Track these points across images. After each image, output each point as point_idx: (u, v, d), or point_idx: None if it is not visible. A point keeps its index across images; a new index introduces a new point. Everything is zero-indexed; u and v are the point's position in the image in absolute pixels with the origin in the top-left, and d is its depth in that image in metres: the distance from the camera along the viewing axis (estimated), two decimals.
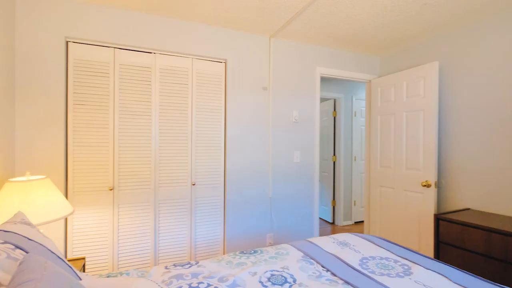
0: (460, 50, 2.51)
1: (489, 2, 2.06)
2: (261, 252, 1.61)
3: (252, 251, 1.62)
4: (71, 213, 1.53)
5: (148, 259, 2.29)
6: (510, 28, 2.17)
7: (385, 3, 2.09)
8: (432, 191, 2.56)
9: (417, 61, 2.91)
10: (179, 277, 1.27)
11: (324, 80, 4.09)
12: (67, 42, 2.07)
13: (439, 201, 2.67)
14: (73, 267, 1.07)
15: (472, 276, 1.36)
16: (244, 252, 1.62)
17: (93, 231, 2.13)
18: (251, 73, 2.66)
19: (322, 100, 4.76)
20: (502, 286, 1.26)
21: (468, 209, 2.41)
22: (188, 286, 1.18)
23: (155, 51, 2.32)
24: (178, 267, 1.38)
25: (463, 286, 1.25)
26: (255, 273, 1.33)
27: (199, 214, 2.48)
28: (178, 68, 2.39)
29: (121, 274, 1.31)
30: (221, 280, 1.25)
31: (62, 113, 2.03)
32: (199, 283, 1.21)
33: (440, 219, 2.20)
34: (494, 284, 1.28)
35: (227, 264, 1.44)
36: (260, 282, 1.25)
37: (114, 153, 2.18)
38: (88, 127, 2.11)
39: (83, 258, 1.73)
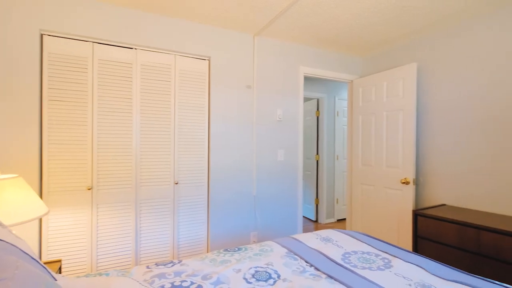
0: (437, 52, 2.62)
1: (464, 7, 2.16)
2: (245, 249, 1.60)
3: (236, 249, 1.61)
4: (46, 214, 1.46)
5: (129, 260, 2.23)
6: (485, 32, 2.28)
7: (367, 4, 2.15)
8: (411, 188, 2.65)
9: (397, 62, 3.01)
10: (161, 276, 1.24)
11: (307, 80, 4.14)
12: (41, 35, 1.98)
13: (417, 198, 2.77)
14: (48, 268, 1.02)
15: (447, 266, 1.42)
16: (228, 250, 1.61)
17: (70, 232, 2.04)
18: (235, 71, 2.65)
19: (306, 99, 4.82)
20: (473, 274, 1.32)
21: (444, 205, 2.51)
22: (171, 285, 1.15)
23: (136, 47, 2.26)
24: (160, 266, 1.35)
25: (438, 276, 1.30)
26: (239, 270, 1.32)
27: (182, 214, 2.44)
28: (160, 65, 2.34)
29: (100, 275, 1.26)
30: (204, 278, 1.23)
31: (36, 109, 1.93)
32: (182, 281, 1.19)
33: (418, 215, 2.28)
34: (466, 273, 1.34)
35: (210, 262, 1.42)
36: (245, 278, 1.25)
37: (93, 151, 2.11)
38: (64, 124, 2.02)
39: (59, 261, 1.66)
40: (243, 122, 2.69)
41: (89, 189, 2.09)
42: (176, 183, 2.40)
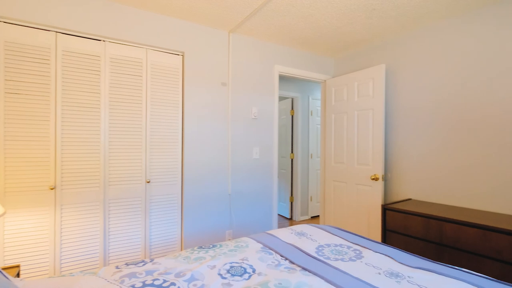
0: (405, 54, 2.76)
1: (431, 10, 2.30)
2: (220, 246, 1.58)
3: (211, 246, 1.59)
4: (2, 215, 1.34)
5: (97, 263, 2.11)
6: (449, 34, 2.44)
7: (338, 6, 2.21)
8: (380, 184, 2.77)
9: (367, 63, 3.13)
10: (132, 275, 1.19)
11: (282, 79, 4.19)
12: None
13: (386, 193, 2.90)
14: (3, 272, 0.94)
15: (413, 255, 1.50)
16: (203, 247, 1.57)
17: (31, 235, 1.90)
18: (210, 68, 2.61)
19: (281, 98, 4.87)
20: (435, 261, 1.41)
21: (410, 199, 2.65)
22: (142, 284, 1.11)
23: (105, 39, 2.15)
24: (130, 266, 1.29)
25: (405, 264, 1.37)
26: (214, 266, 1.30)
27: (155, 213, 2.36)
28: (131, 59, 2.25)
29: (64, 276, 1.18)
30: (178, 275, 1.20)
31: None
32: (154, 280, 1.14)
33: (386, 209, 2.39)
34: (429, 261, 1.42)
35: (184, 259, 1.39)
36: (219, 274, 1.23)
37: (56, 148, 1.97)
38: (24, 119, 1.88)
39: (18, 266, 1.53)
40: (218, 119, 2.66)
41: (52, 189, 1.95)
42: (148, 182, 2.31)
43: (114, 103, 2.18)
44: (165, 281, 1.14)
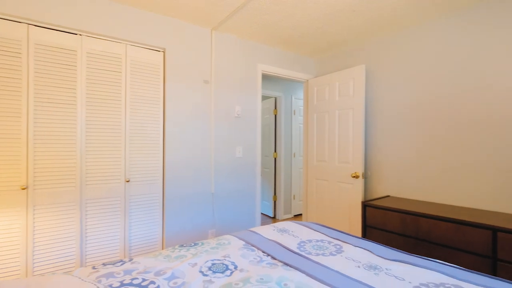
0: (384, 55, 2.85)
1: (407, 13, 2.38)
2: (202, 244, 1.56)
3: (193, 244, 1.57)
4: None
5: (73, 265, 2.03)
6: (425, 36, 2.54)
7: (320, 6, 2.25)
8: (360, 181, 2.84)
9: (348, 63, 3.21)
10: (109, 275, 1.15)
11: (265, 78, 4.21)
12: None
13: (366, 190, 2.98)
14: None
15: (390, 248, 1.55)
16: (184, 245, 1.55)
17: (0, 238, 1.79)
18: (192, 65, 2.58)
19: (264, 98, 4.89)
20: (411, 254, 1.46)
21: (389, 196, 2.74)
22: (119, 284, 1.07)
23: (81, 33, 2.07)
24: (108, 266, 1.25)
25: (383, 257, 1.41)
26: (195, 264, 1.28)
27: (135, 213, 2.30)
28: (109, 54, 2.18)
29: (34, 276, 1.12)
30: (158, 274, 1.17)
31: None
32: (132, 279, 1.11)
33: (366, 206, 2.45)
34: (405, 253, 1.47)
35: (164, 258, 1.36)
36: (201, 272, 1.21)
37: (28, 145, 1.88)
38: None
39: None
40: (201, 118, 2.64)
41: (23, 189, 1.85)
42: (128, 181, 2.25)
43: (92, 100, 2.10)
44: (144, 279, 1.11)
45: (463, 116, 2.24)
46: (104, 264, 1.28)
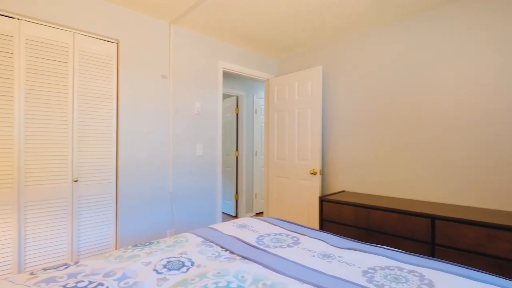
0: (341, 56, 3.00)
1: (362, 18, 2.53)
2: (158, 242, 1.50)
3: (147, 243, 1.50)
4: None
5: (9, 274, 1.81)
6: (380, 39, 2.72)
7: (279, 6, 2.30)
8: (318, 178, 2.96)
9: (307, 64, 3.32)
10: (50, 280, 1.05)
11: (227, 77, 4.19)
12: None
13: (323, 186, 3.11)
14: None
15: (343, 238, 1.64)
16: (138, 245, 1.47)
17: None
18: (149, 59, 2.47)
19: (226, 96, 4.86)
20: (363, 242, 1.56)
21: (344, 191, 2.89)
22: None
23: (19, 17, 1.87)
24: (49, 271, 1.14)
25: (336, 246, 1.48)
26: (149, 263, 1.23)
27: (84, 215, 2.13)
28: (54, 42, 2.00)
29: None
30: (107, 275, 1.10)
31: None
32: (77, 282, 1.03)
33: (323, 201, 2.56)
34: (357, 242, 1.57)
35: (116, 259, 1.28)
36: (155, 270, 1.16)
37: None
38: None
39: None
40: (158, 114, 2.53)
41: None
42: (76, 181, 2.08)
43: (32, 91, 1.91)
44: (91, 282, 1.03)
45: (409, 116, 2.46)
46: (44, 269, 1.16)
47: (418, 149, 2.38)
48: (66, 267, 1.18)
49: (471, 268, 1.23)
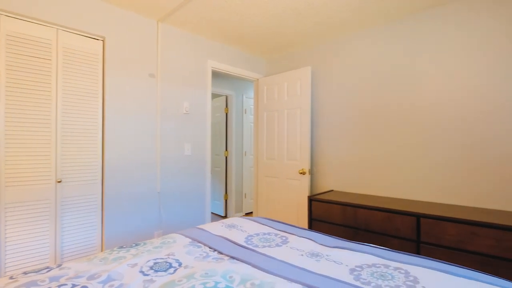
0: (329, 57, 3.03)
1: (348, 20, 2.56)
2: (145, 244, 1.48)
3: (134, 245, 1.47)
4: None
5: None
6: (367, 41, 2.76)
7: (268, 6, 2.30)
8: (307, 177, 2.98)
9: (296, 64, 3.34)
10: (31, 284, 1.01)
11: (217, 76, 4.16)
12: None
13: (312, 186, 3.14)
14: None
15: (331, 237, 1.65)
16: (124, 246, 1.44)
17: None
18: (136, 57, 2.43)
19: (215, 96, 4.84)
20: (350, 240, 1.58)
21: (332, 190, 2.92)
22: None
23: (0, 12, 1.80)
24: (30, 274, 1.10)
25: (324, 245, 1.50)
26: (135, 265, 1.20)
27: (68, 217, 2.07)
28: (36, 39, 1.94)
29: None
30: (91, 278, 1.07)
31: None
32: (60, 285, 1.00)
33: (312, 200, 2.58)
34: (345, 240, 1.59)
35: (100, 261, 1.25)
36: (141, 272, 1.14)
37: None
38: None
39: None
40: (146, 113, 2.49)
41: None
42: (59, 182, 2.02)
43: (13, 89, 1.84)
44: (74, 285, 1.00)
45: (396, 117, 2.50)
46: (25, 273, 1.12)
47: (405, 149, 2.43)
48: (48, 270, 1.14)
49: (454, 264, 1.26)
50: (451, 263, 1.28)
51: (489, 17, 2.03)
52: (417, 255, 1.38)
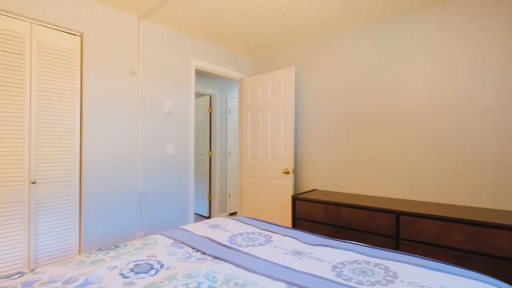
0: (312, 58, 3.07)
1: (330, 21, 2.60)
2: (125, 246, 1.43)
3: (114, 247, 1.42)
4: None
5: None
6: (347, 44, 2.81)
7: (251, 7, 2.29)
8: (291, 177, 3.00)
9: (280, 64, 3.36)
10: None
11: (200, 75, 4.12)
12: None
13: (296, 185, 3.16)
14: None
15: (314, 235, 1.67)
16: (103, 249, 1.40)
17: None
18: (116, 54, 2.36)
19: (199, 95, 4.78)
20: (333, 238, 1.60)
21: (315, 189, 2.96)
22: None
23: None
24: (0, 280, 1.04)
25: (307, 243, 1.51)
26: (114, 267, 1.17)
27: (43, 220, 1.98)
28: (8, 32, 1.84)
29: None
30: (67, 282, 1.02)
31: None
32: None
33: (295, 199, 2.60)
34: (327, 238, 1.61)
35: (77, 264, 1.20)
36: (121, 274, 1.10)
37: None
38: None
39: None
40: (126, 112, 2.43)
41: None
42: (33, 183, 1.93)
43: None
44: None
45: (376, 117, 2.57)
46: None
47: (386, 149, 2.50)
48: (21, 276, 1.09)
49: (431, 259, 1.31)
50: (428, 258, 1.32)
51: (469, 20, 2.12)
52: (396, 251, 1.42)
